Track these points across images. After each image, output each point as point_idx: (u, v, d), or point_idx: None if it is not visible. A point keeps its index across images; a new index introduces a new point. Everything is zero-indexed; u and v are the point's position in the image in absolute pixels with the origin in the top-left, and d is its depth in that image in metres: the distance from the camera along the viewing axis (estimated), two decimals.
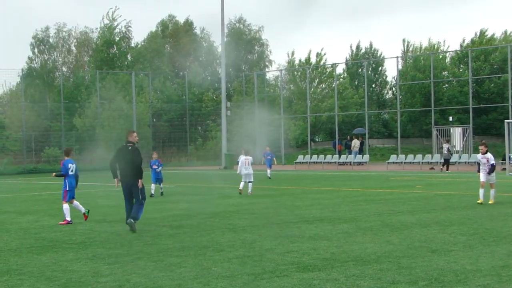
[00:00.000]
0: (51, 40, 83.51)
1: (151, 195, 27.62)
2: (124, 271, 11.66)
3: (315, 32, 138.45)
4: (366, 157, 60.75)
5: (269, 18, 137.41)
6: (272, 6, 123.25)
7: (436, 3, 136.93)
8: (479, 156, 22.70)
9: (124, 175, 17.28)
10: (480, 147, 22.68)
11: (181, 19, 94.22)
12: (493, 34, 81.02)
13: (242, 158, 30.07)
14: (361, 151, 63.43)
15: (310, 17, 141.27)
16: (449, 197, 25.81)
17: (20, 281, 11.08)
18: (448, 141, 51.30)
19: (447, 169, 47.19)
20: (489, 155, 22.41)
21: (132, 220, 16.74)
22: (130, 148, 17.34)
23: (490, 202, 22.29)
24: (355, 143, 63.52)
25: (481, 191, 22.44)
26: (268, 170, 43.01)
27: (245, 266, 11.86)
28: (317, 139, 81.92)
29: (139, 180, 17.13)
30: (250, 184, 29.20)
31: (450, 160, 48.57)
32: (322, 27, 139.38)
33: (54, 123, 70.02)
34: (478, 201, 22.41)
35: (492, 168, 22.47)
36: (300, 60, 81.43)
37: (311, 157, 62.79)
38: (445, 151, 47.85)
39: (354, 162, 59.68)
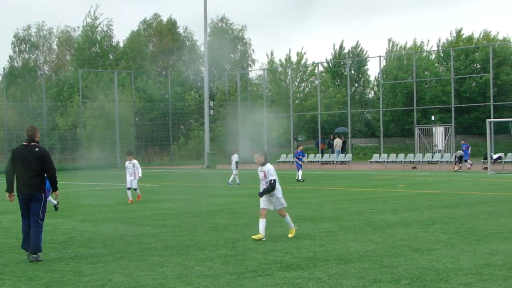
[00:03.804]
0: (32, 39, 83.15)
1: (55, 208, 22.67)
2: (106, 271, 11.62)
3: (298, 31, 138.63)
4: (348, 156, 60.92)
5: (253, 17, 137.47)
6: (256, 6, 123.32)
7: (423, 3, 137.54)
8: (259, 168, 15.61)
9: (24, 185, 13.21)
10: (255, 156, 15.61)
11: (164, 18, 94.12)
12: (479, 35, 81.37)
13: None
14: (343, 150, 63.60)
15: (294, 16, 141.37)
16: (431, 196, 25.91)
17: (1, 281, 11.01)
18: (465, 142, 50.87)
19: (460, 168, 46.43)
20: (267, 167, 15.34)
21: (34, 256, 12.85)
22: (37, 149, 13.37)
23: (290, 235, 15.30)
24: (338, 142, 63.68)
25: (261, 223, 14.97)
26: (300, 172, 38.63)
27: (228, 265, 11.86)
28: (300, 138, 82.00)
29: (56, 193, 13.77)
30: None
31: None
32: (305, 26, 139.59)
33: (37, 122, 69.65)
34: (256, 237, 14.89)
35: (270, 187, 15.15)
36: (280, 60, 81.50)
37: (293, 156, 62.75)
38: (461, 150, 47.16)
39: (336, 161, 59.81)
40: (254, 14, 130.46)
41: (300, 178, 38.05)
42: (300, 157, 39.66)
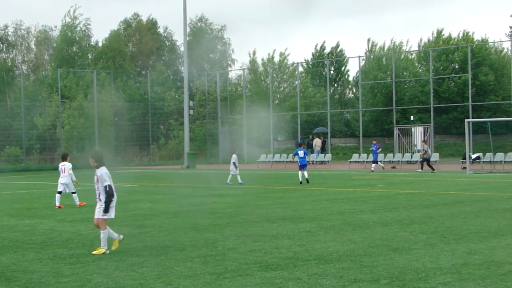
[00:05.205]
0: (10, 38, 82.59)
1: None
2: (85, 271, 11.57)
3: (280, 31, 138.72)
4: (328, 156, 61.05)
5: (234, 17, 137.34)
6: (238, 5, 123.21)
7: (405, 3, 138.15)
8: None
9: None
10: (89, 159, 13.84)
11: (144, 18, 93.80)
12: (458, 35, 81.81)
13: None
14: (323, 150, 63.72)
15: (275, 17, 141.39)
16: (410, 195, 26.01)
17: None
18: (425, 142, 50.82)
19: (432, 169, 45.49)
20: (100, 170, 13.42)
21: None
22: None
23: (113, 247, 13.42)
24: (317, 142, 63.79)
25: (103, 234, 13.37)
26: (306, 172, 35.28)
27: (208, 266, 11.84)
28: (279, 138, 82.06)
29: None
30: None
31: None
32: (288, 26, 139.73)
33: (15, 122, 69.23)
34: (103, 251, 13.29)
35: (107, 195, 13.18)
36: (262, 60, 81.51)
37: (273, 156, 62.89)
38: (429, 151, 46.48)
39: (316, 161, 59.89)
40: (235, 14, 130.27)
41: (306, 176, 34.72)
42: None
